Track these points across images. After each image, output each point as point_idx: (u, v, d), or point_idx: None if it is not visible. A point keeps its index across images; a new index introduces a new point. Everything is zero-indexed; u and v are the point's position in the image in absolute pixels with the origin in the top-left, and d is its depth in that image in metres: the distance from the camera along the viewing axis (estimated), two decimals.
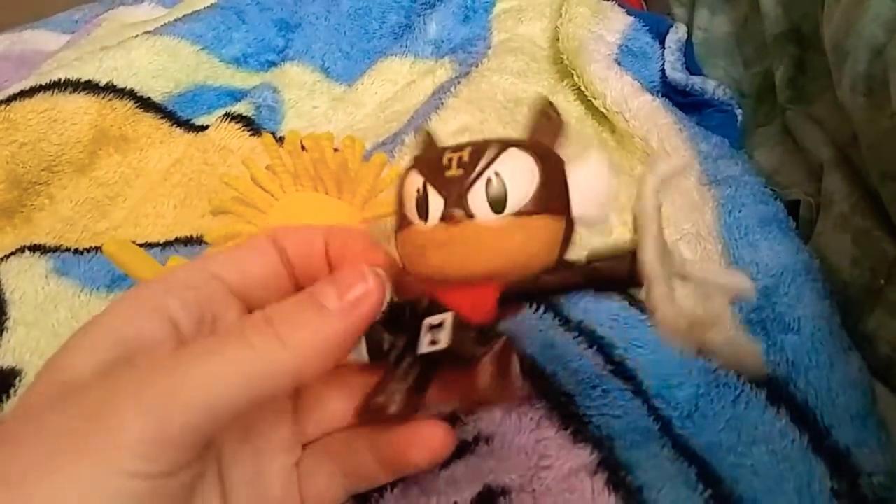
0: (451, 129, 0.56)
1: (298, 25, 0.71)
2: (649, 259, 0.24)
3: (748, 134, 0.59)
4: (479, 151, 0.25)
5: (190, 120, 0.62)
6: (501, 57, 0.65)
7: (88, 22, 0.82)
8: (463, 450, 0.33)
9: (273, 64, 0.70)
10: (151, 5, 0.84)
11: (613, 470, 0.31)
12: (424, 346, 0.26)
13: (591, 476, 0.31)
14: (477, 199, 0.25)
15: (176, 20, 0.68)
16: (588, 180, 0.26)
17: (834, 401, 0.34)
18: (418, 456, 0.29)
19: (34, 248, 0.48)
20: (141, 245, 0.49)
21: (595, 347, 0.37)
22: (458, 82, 0.61)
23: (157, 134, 0.60)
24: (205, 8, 0.71)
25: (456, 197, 0.25)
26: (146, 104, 0.60)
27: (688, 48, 0.64)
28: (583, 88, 0.59)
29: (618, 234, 0.30)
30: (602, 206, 0.26)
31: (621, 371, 0.36)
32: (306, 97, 0.67)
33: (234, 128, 0.58)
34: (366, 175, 0.42)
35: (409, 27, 0.73)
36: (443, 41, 0.70)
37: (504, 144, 0.26)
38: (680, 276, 0.24)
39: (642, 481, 0.31)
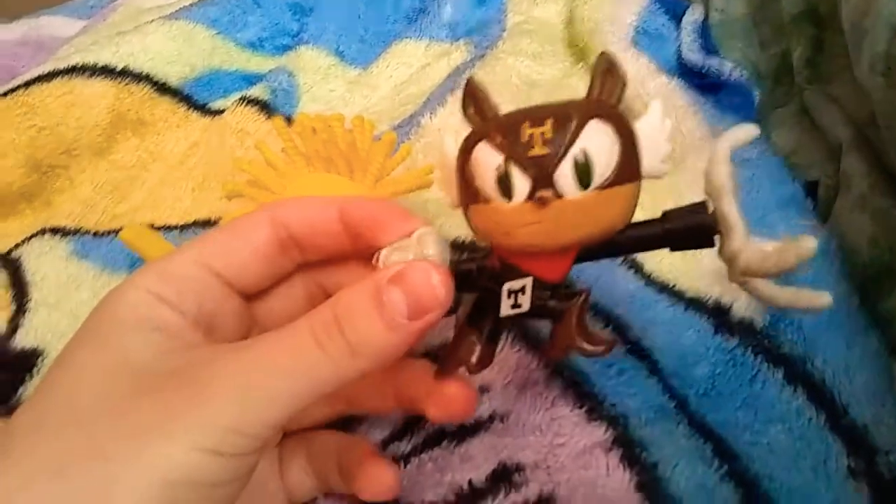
0: None
1: (313, 9, 0.71)
2: (731, 209, 0.25)
3: (765, 115, 0.58)
4: (562, 125, 0.25)
5: (206, 104, 0.62)
6: (516, 39, 0.64)
7: (104, 7, 0.82)
8: (478, 427, 0.33)
9: (288, 48, 0.70)
10: None
11: (628, 447, 0.31)
12: (507, 309, 0.27)
13: (605, 453, 0.31)
14: (564, 176, 0.24)
15: (191, 4, 0.68)
16: (653, 135, 0.26)
17: (851, 379, 0.34)
18: (437, 411, 0.30)
19: (55, 231, 0.48)
20: (159, 228, 0.50)
21: (611, 327, 0.38)
22: (473, 65, 0.61)
23: (174, 118, 0.60)
24: None
25: (545, 177, 0.24)
26: (162, 88, 0.60)
27: (704, 29, 0.64)
28: None
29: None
30: (666, 160, 0.26)
31: (637, 350, 0.37)
32: (321, 81, 0.67)
33: (250, 111, 0.59)
34: (376, 154, 0.42)
35: (424, 10, 0.72)
36: (458, 24, 0.70)
37: (584, 115, 0.25)
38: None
39: (657, 458, 0.31)
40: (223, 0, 0.69)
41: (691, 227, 0.26)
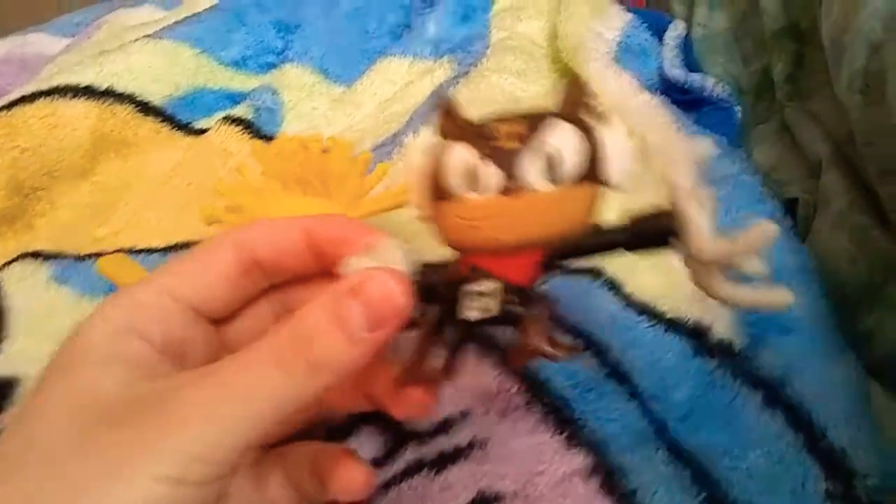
0: None
1: (297, 26, 0.71)
2: (691, 207, 0.25)
3: (747, 131, 0.59)
4: (535, 124, 0.25)
5: (190, 123, 0.62)
6: (500, 56, 0.64)
7: (89, 25, 0.82)
8: (458, 454, 0.33)
9: (272, 66, 0.70)
10: (151, 8, 0.84)
11: (608, 474, 0.31)
12: (473, 313, 0.27)
13: (584, 481, 0.31)
14: (534, 170, 0.25)
15: (175, 23, 0.68)
16: (618, 147, 0.26)
17: (830, 402, 0.34)
18: (399, 413, 0.30)
19: (35, 255, 0.48)
20: (142, 251, 0.50)
21: (591, 350, 0.38)
22: (457, 82, 0.61)
23: (158, 138, 0.60)
24: (204, 10, 0.71)
25: (515, 172, 0.25)
26: (146, 108, 0.60)
27: (687, 45, 0.64)
28: None
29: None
30: (628, 175, 0.26)
31: (617, 374, 0.36)
32: (305, 98, 0.67)
33: (234, 131, 0.59)
34: (352, 175, 0.42)
35: (408, 27, 0.73)
36: (442, 41, 0.70)
37: (555, 116, 0.25)
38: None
39: (636, 485, 0.31)
40: (207, 18, 0.69)
41: (652, 234, 0.26)
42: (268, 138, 0.60)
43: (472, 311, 0.26)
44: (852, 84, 0.42)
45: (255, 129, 0.60)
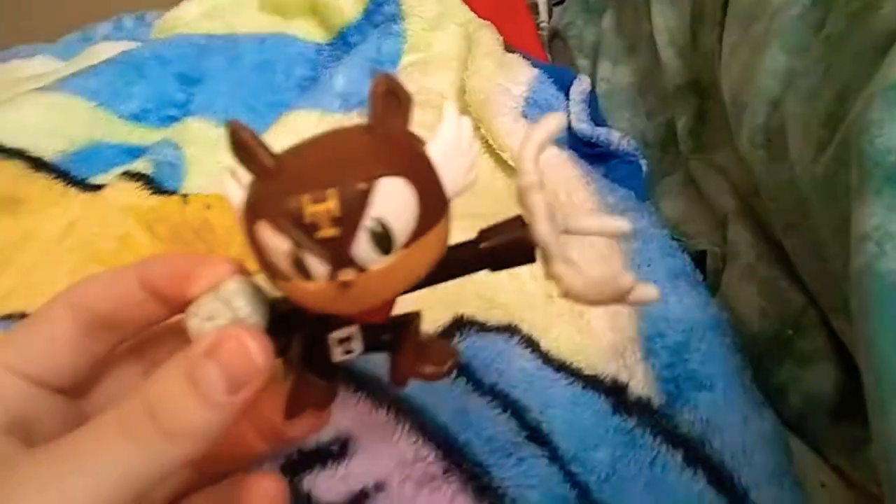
0: None
1: (200, 79, 0.69)
2: (544, 230, 0.23)
3: (654, 183, 0.60)
4: (348, 199, 0.21)
5: (86, 179, 0.59)
6: None
7: None
8: None
9: (174, 119, 0.67)
10: (47, 58, 0.81)
11: None
12: (339, 356, 0.27)
13: None
14: (362, 250, 0.22)
15: (71, 75, 0.65)
16: (452, 152, 0.24)
17: (750, 460, 0.34)
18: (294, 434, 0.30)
19: None
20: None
21: (509, 411, 0.37)
22: None
23: (51, 195, 0.57)
24: (101, 62, 0.68)
25: (341, 259, 0.22)
26: (38, 164, 0.57)
27: (592, 99, 0.65)
28: (490, 142, 0.59)
29: None
30: (471, 169, 0.24)
31: (537, 436, 0.36)
32: (209, 152, 0.64)
33: (133, 187, 0.56)
34: (237, 230, 0.40)
35: (315, 80, 0.72)
36: (351, 94, 0.69)
37: (371, 175, 0.22)
38: (566, 231, 0.24)
39: None
40: (104, 70, 0.66)
41: (510, 244, 0.25)
42: (169, 193, 0.57)
43: (338, 355, 0.27)
44: (754, 140, 0.42)
45: (155, 185, 0.57)
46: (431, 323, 0.42)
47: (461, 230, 0.48)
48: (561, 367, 0.40)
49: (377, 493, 0.33)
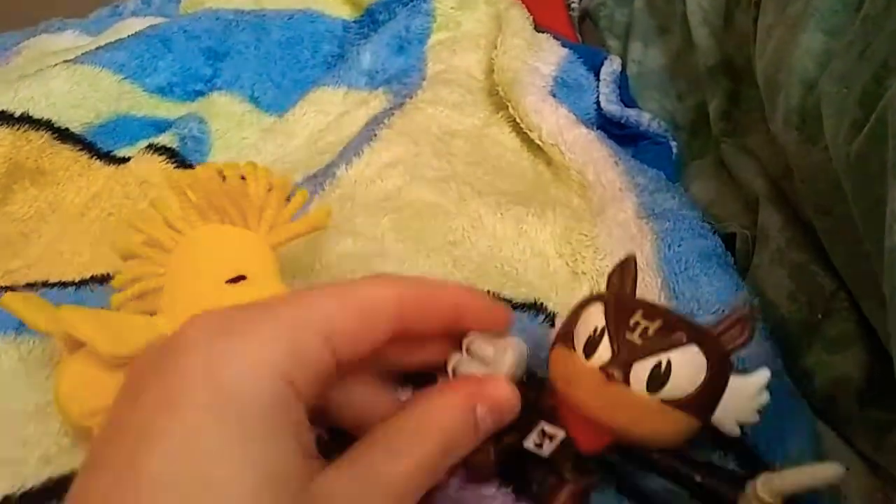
0: (383, 161, 0.54)
1: (227, 54, 0.69)
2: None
3: (683, 166, 0.59)
4: (666, 332, 0.27)
5: (111, 152, 0.59)
6: (436, 88, 0.64)
7: (8, 50, 0.78)
8: None
9: (200, 94, 0.67)
10: (75, 33, 0.81)
11: None
12: (530, 443, 0.30)
13: None
14: (640, 371, 0.27)
15: (98, 48, 0.65)
16: (742, 398, 0.28)
17: (783, 447, 0.34)
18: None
19: None
20: (55, 284, 0.47)
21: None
22: (392, 114, 0.60)
23: (76, 167, 0.57)
24: (129, 36, 0.68)
25: (623, 361, 0.27)
26: (64, 135, 0.57)
27: (622, 81, 0.64)
28: (518, 120, 0.58)
29: None
30: (740, 426, 0.28)
31: None
32: (235, 128, 0.65)
33: (158, 160, 0.56)
34: (271, 202, 0.41)
35: (342, 57, 0.71)
36: (377, 71, 0.69)
37: (689, 337, 0.27)
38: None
39: None
40: (131, 44, 0.66)
41: (711, 496, 0.28)
42: (193, 168, 0.57)
43: (530, 442, 0.30)
44: (788, 121, 0.41)
45: (180, 159, 0.57)
46: None
47: (486, 206, 0.48)
48: None
49: None
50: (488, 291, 0.43)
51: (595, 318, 0.28)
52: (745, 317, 0.28)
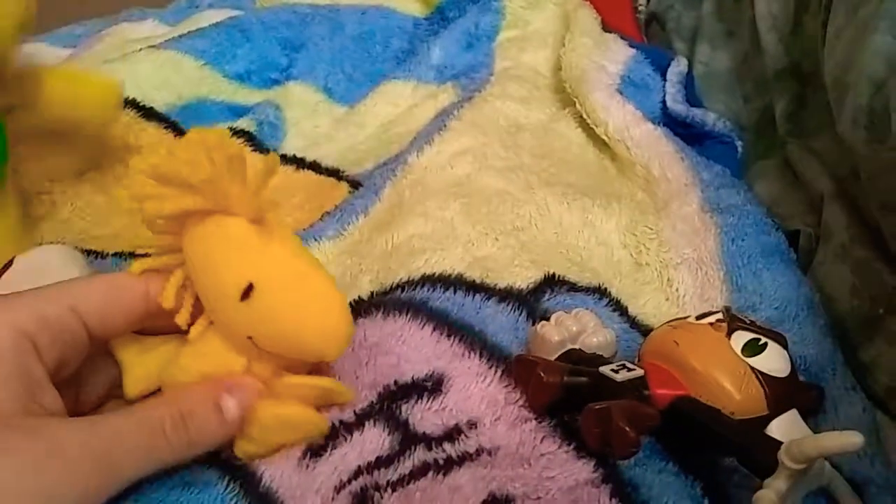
0: (453, 150, 0.56)
1: (302, 45, 0.72)
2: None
3: (748, 166, 0.59)
4: (768, 330, 0.34)
5: None
6: (504, 84, 0.65)
7: (90, 37, 0.82)
8: (464, 458, 0.32)
9: (276, 82, 0.70)
10: (155, 22, 0.84)
11: (618, 484, 0.31)
12: (607, 369, 0.33)
13: (596, 489, 0.30)
14: (740, 337, 0.32)
15: (179, 36, 0.68)
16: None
17: None
18: None
19: None
20: (138, 255, 0.49)
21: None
22: (462, 106, 0.61)
23: (162, 144, 0.59)
24: (209, 25, 0.71)
25: (730, 324, 0.33)
26: (149, 114, 0.60)
27: (689, 81, 0.65)
28: (584, 116, 0.59)
29: None
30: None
31: None
32: (308, 116, 0.67)
33: (237, 143, 0.58)
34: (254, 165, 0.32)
35: (413, 52, 0.73)
36: (446, 67, 0.71)
37: (783, 345, 0.33)
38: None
39: (646, 497, 0.31)
40: (212, 33, 0.69)
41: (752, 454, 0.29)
42: (269, 152, 0.59)
43: (607, 368, 0.33)
44: (857, 120, 0.42)
45: (257, 143, 0.60)
46: (523, 280, 0.43)
47: (553, 195, 0.50)
48: (648, 333, 0.40)
49: (470, 430, 0.34)
50: (553, 274, 0.44)
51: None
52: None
